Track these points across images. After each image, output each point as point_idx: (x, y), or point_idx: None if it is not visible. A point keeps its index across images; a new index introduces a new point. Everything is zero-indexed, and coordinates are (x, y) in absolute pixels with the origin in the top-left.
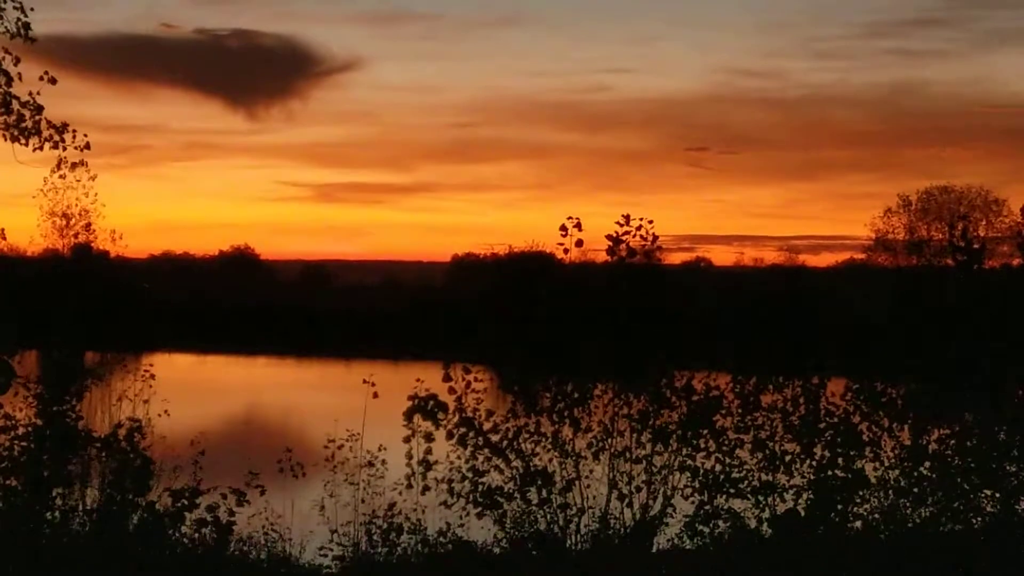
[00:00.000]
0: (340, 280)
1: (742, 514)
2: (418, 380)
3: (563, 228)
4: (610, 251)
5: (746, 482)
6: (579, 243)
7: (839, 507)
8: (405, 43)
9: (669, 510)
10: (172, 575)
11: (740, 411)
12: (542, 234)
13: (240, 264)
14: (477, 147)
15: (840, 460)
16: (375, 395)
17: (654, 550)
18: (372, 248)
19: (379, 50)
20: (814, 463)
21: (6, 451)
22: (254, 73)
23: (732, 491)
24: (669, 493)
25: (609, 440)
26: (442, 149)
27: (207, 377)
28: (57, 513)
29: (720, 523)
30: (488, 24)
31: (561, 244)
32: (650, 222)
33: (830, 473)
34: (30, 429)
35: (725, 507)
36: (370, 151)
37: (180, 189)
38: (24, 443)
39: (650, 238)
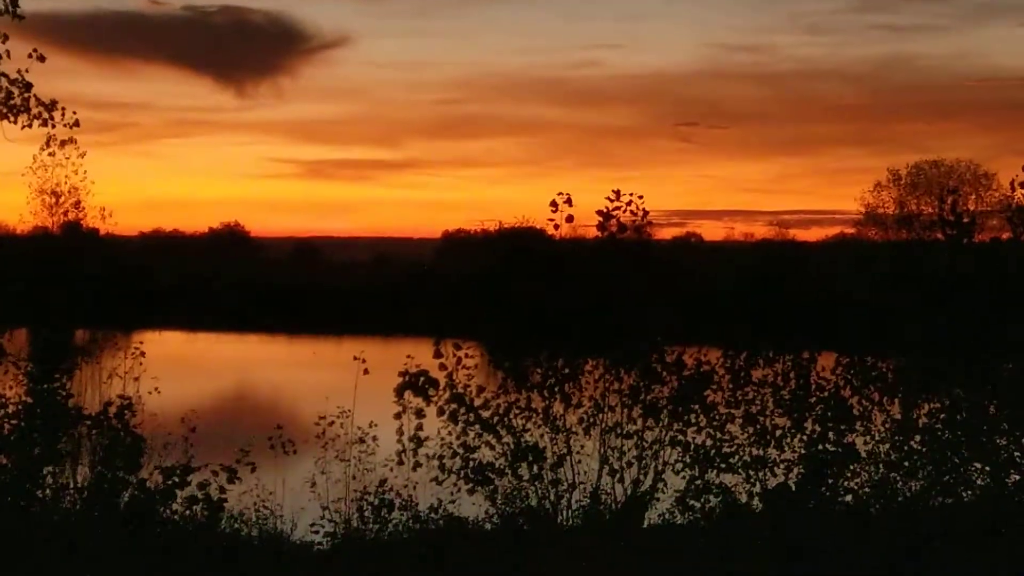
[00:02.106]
0: (330, 257)
1: (733, 489)
2: (408, 356)
3: (553, 204)
4: (600, 226)
5: (737, 457)
6: (569, 219)
7: (830, 481)
8: (394, 20)
9: (660, 485)
10: (163, 553)
11: (731, 386)
12: (532, 210)
13: (230, 241)
14: (466, 123)
15: (831, 434)
16: (365, 372)
17: (645, 525)
18: (362, 224)
19: (368, 27)
20: (805, 437)
21: None
22: (243, 50)
23: (723, 466)
24: (660, 468)
25: (600, 415)
26: (431, 125)
27: (197, 355)
28: (48, 491)
29: (711, 498)
30: (478, 0)
31: (551, 220)
32: (640, 197)
33: (821, 447)
34: (20, 407)
35: (716, 482)
36: (359, 127)
37: (169, 166)
38: (14, 421)
39: (640, 213)
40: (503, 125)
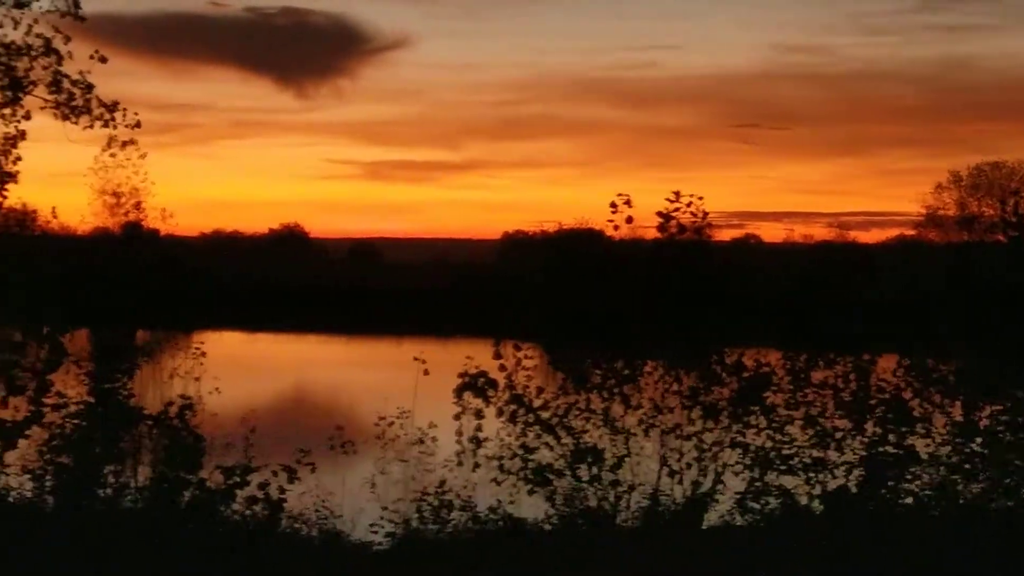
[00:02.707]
0: (389, 258)
1: (793, 491)
2: (468, 358)
3: (613, 205)
4: (660, 228)
5: (797, 458)
6: (629, 220)
7: (890, 484)
8: (454, 21)
9: (719, 487)
10: (223, 552)
11: (791, 388)
12: (590, 211)
13: (289, 242)
14: (525, 124)
15: (891, 436)
16: (425, 372)
17: (704, 527)
18: (421, 226)
19: (428, 28)
20: (865, 439)
21: (58, 429)
22: (303, 51)
23: (783, 468)
24: (719, 470)
25: (659, 417)
26: (490, 126)
27: (257, 355)
28: (109, 490)
29: (771, 500)
30: (536, 1)
31: (611, 221)
32: (700, 198)
33: (881, 449)
34: (82, 407)
35: (776, 484)
36: (419, 129)
37: (229, 167)
38: (76, 421)
39: (700, 214)
40: (562, 126)
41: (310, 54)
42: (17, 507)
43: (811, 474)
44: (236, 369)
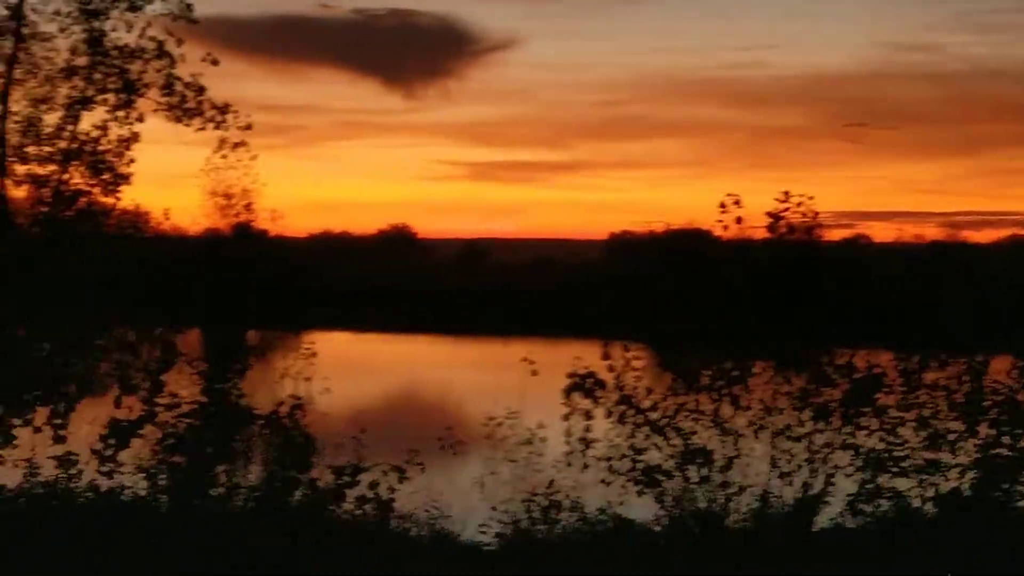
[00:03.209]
0: (496, 258)
1: (905, 493)
2: (577, 358)
3: (722, 205)
4: (770, 228)
5: (909, 461)
6: (739, 220)
7: (1004, 487)
8: (561, 21)
9: (830, 489)
10: (334, 552)
11: (903, 389)
12: (698, 211)
13: (397, 243)
14: (632, 124)
15: (1005, 439)
16: (534, 373)
17: (815, 529)
18: (528, 226)
19: (535, 28)
20: (978, 442)
21: (171, 428)
22: (411, 52)
23: (895, 470)
24: (830, 472)
25: (769, 418)
26: (597, 126)
27: (366, 355)
28: (221, 490)
29: (883, 502)
30: (643, 0)
31: (720, 221)
32: (809, 198)
33: (995, 452)
34: (194, 407)
35: (888, 486)
36: (526, 129)
37: (338, 168)
38: (188, 420)
39: (810, 214)
40: (668, 126)
41: (417, 55)
42: (131, 506)
43: (924, 476)
44: (346, 369)
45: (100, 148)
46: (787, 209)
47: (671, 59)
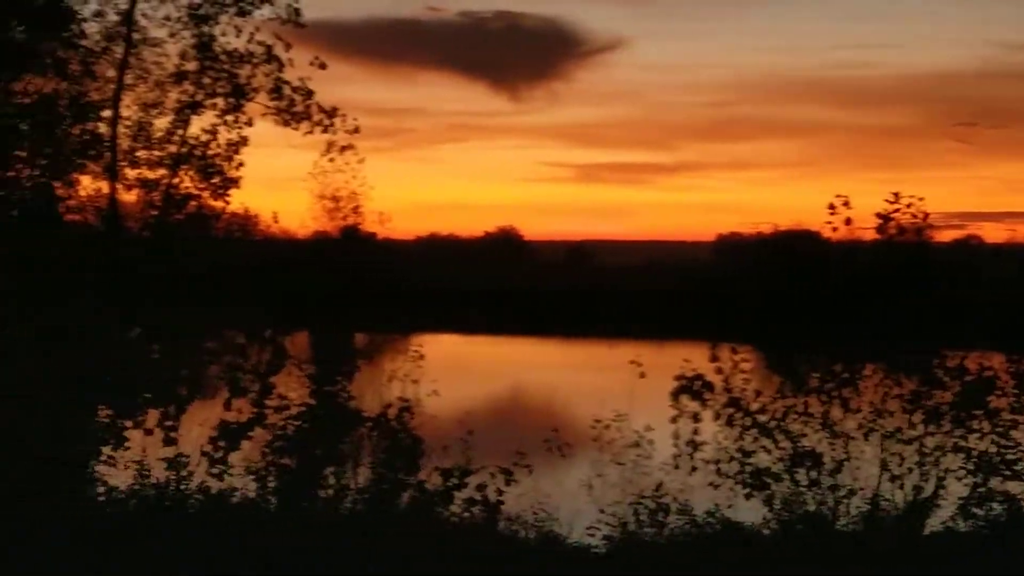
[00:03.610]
0: (603, 260)
1: (1019, 497)
2: (685, 360)
3: (831, 206)
4: (879, 229)
5: (1022, 464)
6: (848, 221)
7: None
8: (668, 22)
9: (942, 492)
10: (442, 554)
11: (1015, 392)
12: (806, 212)
13: (504, 245)
14: (740, 125)
15: None
16: (642, 375)
17: (926, 532)
18: (634, 228)
19: (642, 29)
20: None
21: (280, 431)
22: (517, 54)
23: (1008, 473)
24: (941, 475)
25: (879, 421)
26: (705, 128)
27: (473, 357)
28: (330, 492)
29: (995, 506)
30: (751, 1)
31: (829, 223)
32: (919, 199)
33: None
34: (303, 409)
35: (1000, 489)
36: (632, 131)
37: (445, 171)
38: (297, 423)
39: (920, 215)
40: (776, 127)
41: (524, 57)
42: (241, 508)
43: None
44: (453, 371)
45: (209, 152)
46: (897, 210)
47: (782, 59)
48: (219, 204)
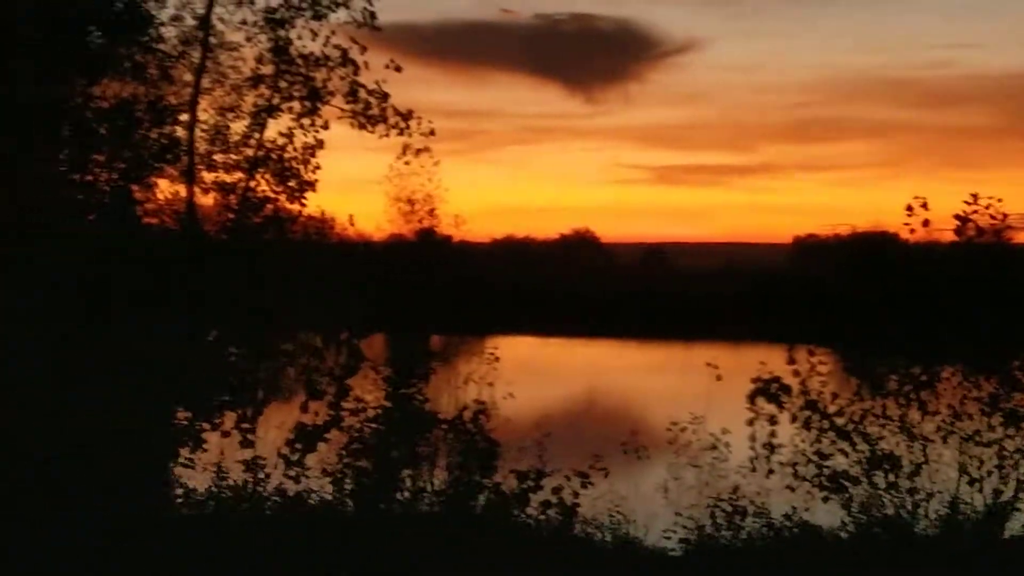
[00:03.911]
0: (679, 263)
1: None
2: (761, 363)
3: (909, 208)
4: (958, 231)
5: None
6: (926, 223)
7: None
8: (743, 23)
9: (1022, 495)
10: (519, 556)
11: None
12: (885, 214)
13: (580, 247)
14: (818, 126)
15: None
16: (718, 378)
17: (1006, 536)
18: (711, 230)
19: (717, 30)
20: None
21: (357, 433)
22: (591, 56)
23: None
24: (1022, 478)
25: (958, 423)
26: (782, 129)
27: (549, 360)
28: (406, 494)
29: None
30: (829, 1)
31: (907, 224)
32: (999, 200)
33: None
34: (379, 411)
35: None
36: (709, 132)
37: (519, 173)
38: (374, 425)
39: (999, 217)
40: (855, 127)
41: (599, 59)
42: (318, 510)
43: None
44: (528, 374)
45: (286, 155)
46: (976, 211)
47: (861, 59)
48: (295, 207)
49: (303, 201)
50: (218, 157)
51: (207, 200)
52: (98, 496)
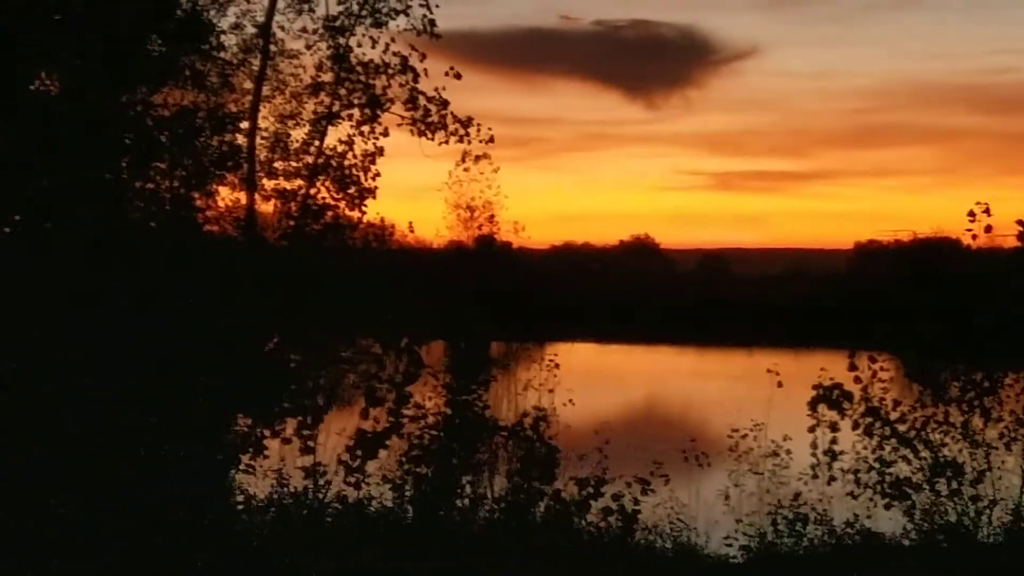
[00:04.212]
0: (739, 269)
1: None
2: (822, 369)
3: (971, 214)
4: (1020, 236)
5: None
6: (988, 228)
7: None
8: (804, 28)
9: None
10: (579, 563)
11: None
12: (947, 219)
13: (640, 253)
14: (879, 132)
15: None
16: (779, 384)
17: None
18: (771, 236)
19: (777, 36)
20: None
21: (417, 439)
22: (651, 63)
23: None
24: None
25: (1021, 430)
26: (842, 135)
27: (608, 366)
28: (466, 501)
29: None
30: (889, 6)
31: (969, 230)
32: None
33: None
34: (439, 418)
35: None
36: (769, 138)
37: (579, 180)
38: (434, 432)
39: None
40: (917, 133)
41: (658, 65)
42: (378, 517)
43: None
44: (588, 381)
45: (346, 163)
46: None
47: (923, 65)
48: (355, 214)
49: (363, 208)
50: (278, 164)
51: (267, 207)
52: (161, 502)
